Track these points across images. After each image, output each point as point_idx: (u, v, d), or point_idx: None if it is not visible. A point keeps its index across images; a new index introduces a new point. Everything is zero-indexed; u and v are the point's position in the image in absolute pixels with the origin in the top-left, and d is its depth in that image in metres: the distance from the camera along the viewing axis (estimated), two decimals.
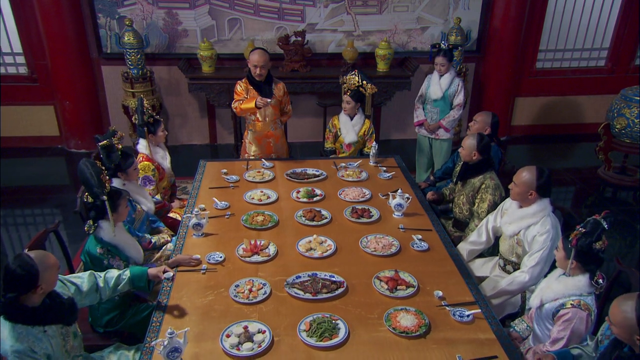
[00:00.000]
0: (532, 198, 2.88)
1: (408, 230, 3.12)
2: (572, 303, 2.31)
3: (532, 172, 2.87)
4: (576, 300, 2.32)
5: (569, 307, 2.31)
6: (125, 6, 5.58)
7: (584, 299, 2.32)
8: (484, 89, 6.30)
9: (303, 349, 2.19)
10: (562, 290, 2.38)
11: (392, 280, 2.60)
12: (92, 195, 2.62)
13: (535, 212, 2.87)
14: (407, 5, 5.85)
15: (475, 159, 3.39)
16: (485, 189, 3.36)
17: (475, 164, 3.42)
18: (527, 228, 2.88)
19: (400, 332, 2.27)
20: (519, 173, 2.93)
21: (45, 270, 2.06)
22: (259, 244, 2.90)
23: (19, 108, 5.96)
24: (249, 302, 2.46)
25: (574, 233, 2.33)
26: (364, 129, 4.33)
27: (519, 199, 2.94)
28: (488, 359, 2.14)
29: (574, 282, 2.36)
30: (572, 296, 2.34)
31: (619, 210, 5.14)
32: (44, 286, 2.06)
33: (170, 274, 2.52)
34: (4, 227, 4.85)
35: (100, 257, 2.63)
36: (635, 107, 5.16)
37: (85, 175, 2.65)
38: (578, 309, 2.29)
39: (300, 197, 3.51)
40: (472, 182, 3.44)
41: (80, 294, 2.34)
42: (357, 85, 4.25)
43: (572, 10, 6.23)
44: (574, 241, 2.31)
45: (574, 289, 2.35)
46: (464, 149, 3.43)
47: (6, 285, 2.03)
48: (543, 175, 2.86)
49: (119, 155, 3.16)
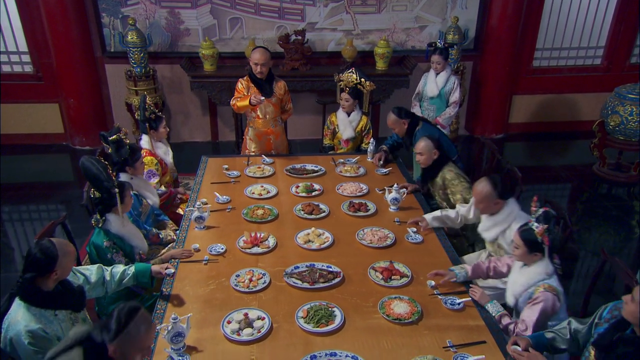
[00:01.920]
0: (499, 206, 2.95)
1: (403, 224, 3.22)
2: (541, 288, 2.41)
3: (487, 185, 2.92)
4: (542, 284, 2.42)
5: (538, 293, 2.41)
6: (129, 6, 5.68)
7: (547, 281, 2.43)
8: (481, 87, 6.39)
9: (300, 335, 2.29)
10: (527, 280, 2.48)
11: (386, 270, 2.70)
12: (101, 189, 2.71)
13: (505, 217, 2.93)
14: (406, 4, 5.93)
15: (436, 156, 3.48)
16: (449, 183, 3.46)
17: (432, 165, 3.51)
18: (503, 233, 2.95)
19: (394, 319, 2.37)
20: (475, 190, 2.99)
21: (64, 257, 2.16)
22: (259, 236, 3.00)
23: (24, 106, 6.05)
24: (249, 290, 2.57)
25: (540, 231, 2.40)
26: (361, 125, 4.42)
27: (489, 211, 2.99)
28: (477, 343, 2.25)
29: (535, 269, 2.46)
30: (538, 282, 2.44)
31: (613, 206, 5.23)
32: (59, 272, 2.16)
33: (172, 271, 2.61)
34: (10, 223, 4.96)
35: (106, 249, 2.73)
36: (628, 104, 5.25)
37: (92, 171, 2.74)
38: (544, 292, 2.39)
39: (299, 191, 3.61)
40: (436, 182, 3.55)
41: (88, 284, 2.45)
42: (355, 83, 4.35)
43: (569, 9, 6.31)
44: (545, 240, 2.40)
45: (536, 276, 2.45)
46: (423, 154, 3.49)
47: (25, 266, 2.14)
48: (497, 183, 2.92)
49: (128, 150, 3.26)
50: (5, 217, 4.96)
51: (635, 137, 5.32)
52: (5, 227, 4.82)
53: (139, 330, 1.82)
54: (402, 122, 3.92)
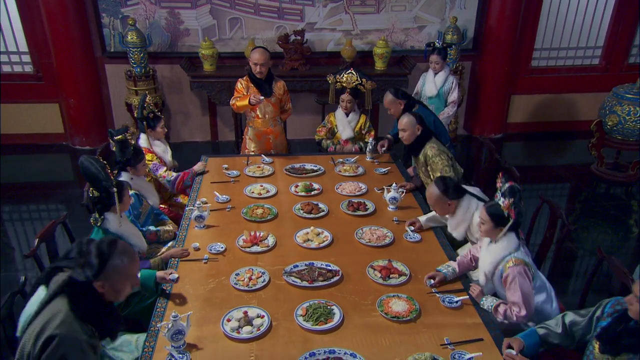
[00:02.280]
0: (452, 205, 3.00)
1: (402, 223, 3.24)
2: (507, 265, 2.48)
3: (434, 188, 2.99)
4: (509, 259, 2.49)
5: (508, 270, 2.47)
6: (129, 6, 5.70)
7: (514, 255, 2.49)
8: (480, 87, 6.41)
9: (300, 333, 2.32)
10: (494, 256, 2.55)
11: (385, 269, 2.72)
12: (99, 188, 2.74)
13: (463, 214, 2.99)
14: (405, 4, 5.95)
15: (419, 132, 3.55)
16: (431, 160, 3.51)
17: (416, 140, 3.57)
18: (469, 229, 3.01)
19: (392, 317, 2.39)
20: (428, 196, 3.05)
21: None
22: (259, 235, 3.02)
23: (24, 106, 6.07)
24: (249, 289, 2.59)
25: (506, 205, 2.46)
26: (360, 123, 4.44)
27: (445, 213, 3.05)
28: (474, 341, 2.27)
29: (501, 245, 2.53)
30: (505, 257, 2.51)
31: (611, 206, 5.26)
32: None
33: (176, 276, 2.61)
34: (11, 222, 4.98)
35: None
36: (626, 104, 5.27)
37: (91, 171, 2.76)
38: (514, 267, 2.45)
39: (298, 191, 3.63)
40: (419, 159, 3.61)
41: None
42: (356, 83, 4.34)
43: (567, 10, 6.33)
44: (512, 214, 2.47)
45: (503, 251, 2.52)
46: (406, 130, 3.56)
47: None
48: (444, 184, 2.98)
49: (132, 150, 3.29)
50: (5, 217, 4.98)
51: (632, 137, 5.34)
52: (5, 226, 4.84)
53: (122, 261, 1.84)
54: (399, 102, 3.99)
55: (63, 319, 1.77)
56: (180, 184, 3.80)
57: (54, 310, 1.77)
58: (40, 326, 1.75)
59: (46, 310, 1.76)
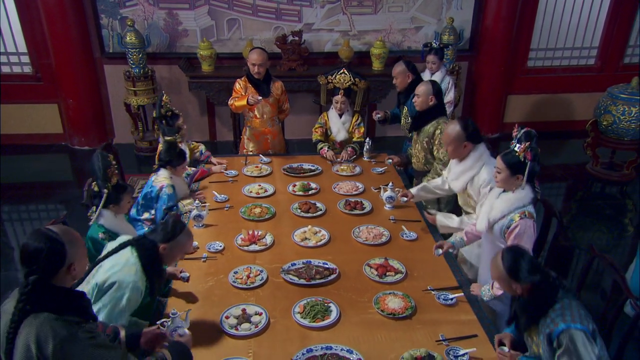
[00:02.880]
0: (467, 148, 2.99)
1: (398, 221, 3.28)
2: (519, 215, 2.48)
3: (457, 126, 2.96)
4: (521, 211, 2.49)
5: (518, 220, 2.48)
6: (127, 7, 5.73)
7: (527, 208, 2.51)
8: (477, 87, 6.46)
9: (297, 329, 2.36)
10: (508, 206, 2.54)
11: (381, 267, 2.76)
12: (98, 185, 2.80)
13: (474, 162, 2.98)
14: (402, 5, 6.00)
15: (432, 104, 3.53)
16: (440, 134, 3.48)
17: (429, 110, 3.55)
18: (471, 180, 3.00)
19: (388, 314, 2.43)
20: (445, 133, 3.02)
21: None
22: (257, 234, 3.06)
23: (24, 106, 6.09)
24: (247, 287, 2.63)
25: (522, 149, 2.47)
26: (353, 123, 4.38)
27: (457, 155, 3.04)
28: (468, 337, 2.31)
29: (517, 196, 2.53)
30: (517, 209, 2.51)
31: (607, 205, 5.31)
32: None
33: (187, 275, 2.64)
34: (10, 222, 5.01)
35: (102, 242, 2.78)
36: (620, 104, 5.33)
37: (93, 167, 2.84)
38: (526, 219, 2.47)
39: (296, 190, 3.67)
40: (426, 130, 3.60)
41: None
42: (350, 83, 4.31)
43: (563, 10, 6.38)
44: (528, 156, 2.46)
45: (517, 202, 2.52)
46: (419, 96, 3.55)
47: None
48: (468, 124, 2.95)
49: (177, 153, 3.42)
50: (5, 217, 5.01)
51: (627, 137, 5.40)
52: (5, 226, 4.87)
53: (185, 239, 2.37)
54: (408, 74, 4.00)
55: (131, 265, 2.24)
56: (198, 178, 3.88)
57: (123, 258, 2.27)
58: (110, 266, 2.25)
59: (117, 255, 2.27)
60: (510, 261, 2.07)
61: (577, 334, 1.94)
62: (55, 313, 1.63)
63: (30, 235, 1.67)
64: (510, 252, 2.11)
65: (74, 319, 1.65)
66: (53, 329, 1.60)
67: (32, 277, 1.62)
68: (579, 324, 1.96)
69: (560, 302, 2.02)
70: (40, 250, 1.62)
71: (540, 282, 2.04)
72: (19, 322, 1.60)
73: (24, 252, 1.65)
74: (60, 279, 1.68)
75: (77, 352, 1.62)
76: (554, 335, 1.97)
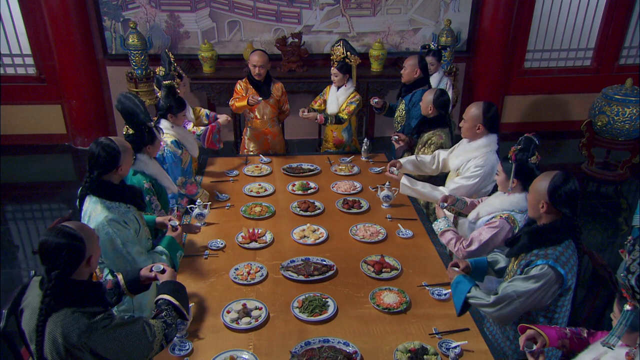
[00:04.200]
0: (480, 132, 3.06)
1: (394, 220, 3.37)
2: (502, 216, 2.59)
3: (480, 107, 3.04)
4: (506, 214, 2.59)
5: (498, 218, 2.58)
6: (130, 9, 5.82)
7: (514, 214, 2.59)
8: (474, 88, 6.54)
9: (296, 323, 2.44)
10: (498, 205, 2.65)
11: (377, 263, 2.84)
12: (136, 124, 2.82)
13: (480, 146, 3.08)
14: (400, 7, 6.08)
15: (432, 113, 3.60)
16: (429, 145, 3.59)
17: (430, 119, 3.63)
18: (468, 161, 3.09)
19: (384, 309, 2.51)
20: (468, 109, 3.11)
21: (125, 152, 2.41)
22: (257, 232, 3.14)
23: (27, 107, 6.18)
24: (248, 283, 2.71)
25: (512, 150, 2.58)
26: (347, 99, 4.29)
27: (469, 134, 3.13)
28: (460, 330, 2.40)
29: (510, 199, 2.63)
30: (505, 211, 2.61)
31: (601, 204, 5.39)
32: (123, 167, 2.42)
33: (176, 223, 2.71)
34: (14, 221, 5.09)
35: (146, 192, 2.86)
36: (615, 105, 5.41)
37: (129, 105, 2.83)
38: (506, 221, 2.56)
39: (295, 189, 3.75)
40: (422, 137, 3.70)
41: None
42: (343, 57, 4.30)
43: (559, 12, 6.46)
44: (512, 156, 2.57)
45: (508, 205, 2.62)
46: (423, 102, 3.64)
47: (91, 165, 2.36)
48: (490, 110, 3.02)
49: (176, 98, 3.42)
50: (9, 216, 5.09)
51: (621, 137, 5.48)
52: (9, 225, 4.95)
53: (122, 148, 2.43)
54: (417, 70, 4.02)
55: (98, 212, 2.33)
56: (210, 138, 3.95)
57: (87, 209, 2.37)
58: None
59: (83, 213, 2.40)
60: (560, 181, 2.13)
61: (548, 270, 2.07)
62: (76, 305, 1.73)
63: (48, 233, 1.73)
64: (566, 175, 2.16)
65: (93, 309, 1.76)
66: (76, 320, 1.70)
67: (54, 272, 1.70)
68: (560, 268, 2.07)
69: (564, 246, 2.12)
70: (61, 247, 1.70)
71: (566, 217, 2.13)
72: (47, 317, 1.70)
73: (45, 249, 1.71)
74: (79, 272, 1.77)
75: (101, 337, 1.73)
76: (532, 265, 2.10)
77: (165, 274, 2.15)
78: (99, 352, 1.73)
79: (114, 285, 2.15)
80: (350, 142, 4.53)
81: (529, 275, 2.14)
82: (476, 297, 2.25)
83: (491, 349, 2.29)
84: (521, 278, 2.15)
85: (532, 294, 2.11)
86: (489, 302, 2.19)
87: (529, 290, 2.11)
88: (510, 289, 2.16)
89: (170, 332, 1.91)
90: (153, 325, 1.87)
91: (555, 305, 2.22)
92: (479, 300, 2.24)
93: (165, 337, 1.89)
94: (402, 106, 4.18)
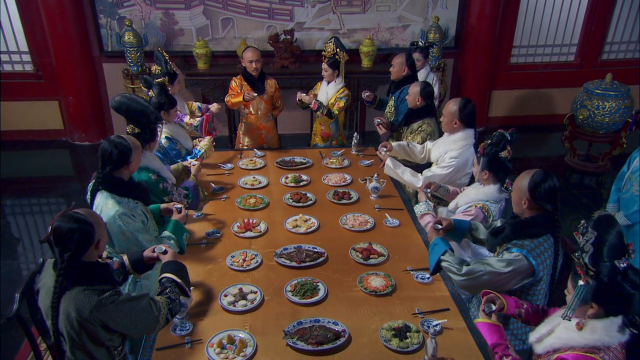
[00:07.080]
0: (457, 127, 3.25)
1: (382, 210, 3.54)
2: (477, 205, 2.79)
3: (457, 103, 3.24)
4: (481, 203, 2.79)
5: (474, 207, 2.79)
6: (125, 7, 5.91)
7: (489, 204, 2.79)
8: (462, 83, 6.70)
9: (288, 305, 2.61)
10: (474, 195, 2.86)
11: (365, 250, 3.01)
12: (142, 124, 2.94)
13: (457, 140, 3.28)
14: (389, 4, 6.23)
15: (419, 104, 3.80)
16: (419, 131, 3.81)
17: (418, 109, 3.84)
18: (445, 153, 3.31)
19: (370, 292, 2.69)
20: (447, 105, 3.30)
21: (136, 150, 2.57)
22: (252, 222, 3.29)
23: (25, 103, 6.27)
24: (243, 269, 2.87)
25: (481, 145, 2.76)
26: (336, 95, 4.47)
27: (447, 128, 3.34)
28: (441, 310, 2.58)
29: (484, 190, 2.84)
30: (480, 201, 2.81)
31: (583, 195, 5.59)
32: (133, 164, 2.58)
33: (180, 206, 2.89)
34: (13, 215, 5.19)
35: (156, 182, 3.04)
36: (595, 99, 5.61)
37: (137, 105, 2.93)
38: (480, 210, 2.76)
39: (288, 182, 3.90)
40: (412, 126, 3.91)
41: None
42: (332, 53, 4.48)
43: (544, 9, 6.64)
44: (480, 150, 2.76)
45: (483, 196, 2.83)
46: (410, 95, 3.84)
47: (103, 162, 2.50)
48: (467, 106, 3.21)
49: (167, 95, 3.56)
50: (7, 211, 5.19)
51: (601, 130, 5.68)
52: (8, 219, 5.06)
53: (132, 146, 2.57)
54: (404, 67, 4.24)
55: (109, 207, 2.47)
56: (206, 128, 4.15)
57: (99, 203, 2.51)
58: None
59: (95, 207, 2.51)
60: (539, 179, 2.26)
61: (521, 258, 2.25)
62: (87, 284, 1.93)
63: (61, 219, 1.91)
64: (545, 173, 2.28)
65: (102, 287, 1.96)
66: (87, 296, 1.90)
67: (66, 254, 1.88)
68: (533, 260, 2.24)
69: (541, 240, 2.30)
70: (73, 231, 1.88)
71: (547, 212, 2.30)
72: (61, 295, 1.90)
73: (58, 233, 1.89)
74: (89, 254, 1.97)
75: (111, 312, 1.92)
76: (509, 250, 2.30)
77: (167, 254, 2.33)
78: (109, 325, 1.92)
79: (120, 265, 2.32)
80: (337, 136, 4.70)
81: (502, 258, 2.33)
82: (449, 262, 2.45)
83: (469, 326, 2.47)
84: (495, 259, 2.35)
85: (500, 274, 2.30)
86: (461, 272, 2.39)
87: (498, 271, 2.30)
88: (481, 265, 2.36)
89: (174, 307, 2.09)
90: (158, 300, 2.04)
91: (527, 294, 2.41)
92: (451, 265, 2.44)
93: (170, 311, 2.07)
94: (391, 102, 4.37)
